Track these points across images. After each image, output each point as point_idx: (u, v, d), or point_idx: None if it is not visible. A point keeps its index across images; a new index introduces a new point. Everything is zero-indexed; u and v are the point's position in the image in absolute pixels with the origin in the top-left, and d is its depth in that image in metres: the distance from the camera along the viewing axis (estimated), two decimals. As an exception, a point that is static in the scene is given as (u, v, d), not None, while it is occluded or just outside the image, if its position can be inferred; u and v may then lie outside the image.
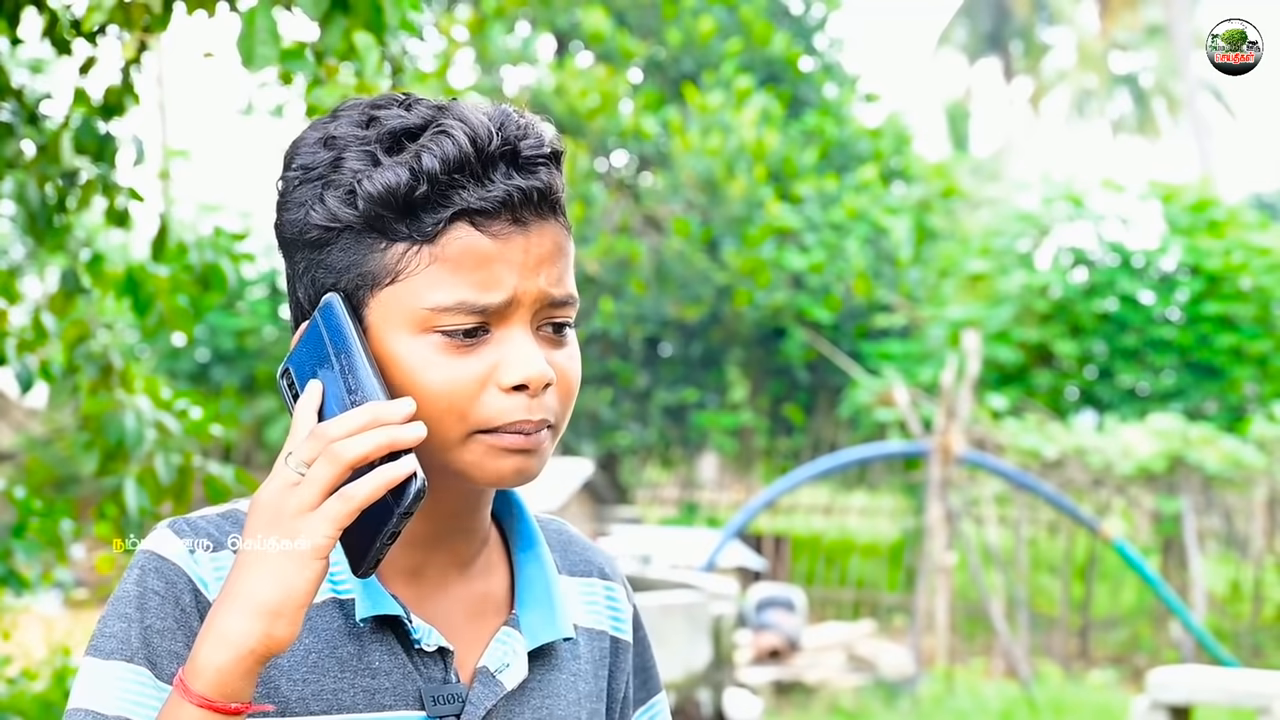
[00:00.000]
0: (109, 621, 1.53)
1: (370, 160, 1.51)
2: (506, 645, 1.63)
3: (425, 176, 1.49)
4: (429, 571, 1.62)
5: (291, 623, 1.41)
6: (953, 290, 17.63)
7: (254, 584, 1.41)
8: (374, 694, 1.56)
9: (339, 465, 1.41)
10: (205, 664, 1.41)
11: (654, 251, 18.71)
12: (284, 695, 1.54)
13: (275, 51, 3.12)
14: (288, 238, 1.57)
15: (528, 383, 1.51)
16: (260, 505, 1.44)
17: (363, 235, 1.52)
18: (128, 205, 4.38)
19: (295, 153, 1.57)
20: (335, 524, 1.41)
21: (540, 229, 1.54)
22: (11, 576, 5.12)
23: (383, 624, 1.58)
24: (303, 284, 1.56)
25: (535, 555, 1.69)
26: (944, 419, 12.28)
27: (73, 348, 4.47)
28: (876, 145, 20.18)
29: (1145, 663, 12.68)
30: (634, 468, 21.59)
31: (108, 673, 1.50)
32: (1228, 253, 15.69)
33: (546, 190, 1.54)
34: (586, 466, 15.50)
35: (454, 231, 1.51)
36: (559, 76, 18.34)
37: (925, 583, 12.45)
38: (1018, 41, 42.71)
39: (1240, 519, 13.83)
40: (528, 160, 1.53)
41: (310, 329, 1.53)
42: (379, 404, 1.45)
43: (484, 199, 1.51)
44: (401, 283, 1.51)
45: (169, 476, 4.41)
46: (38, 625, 8.44)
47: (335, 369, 1.50)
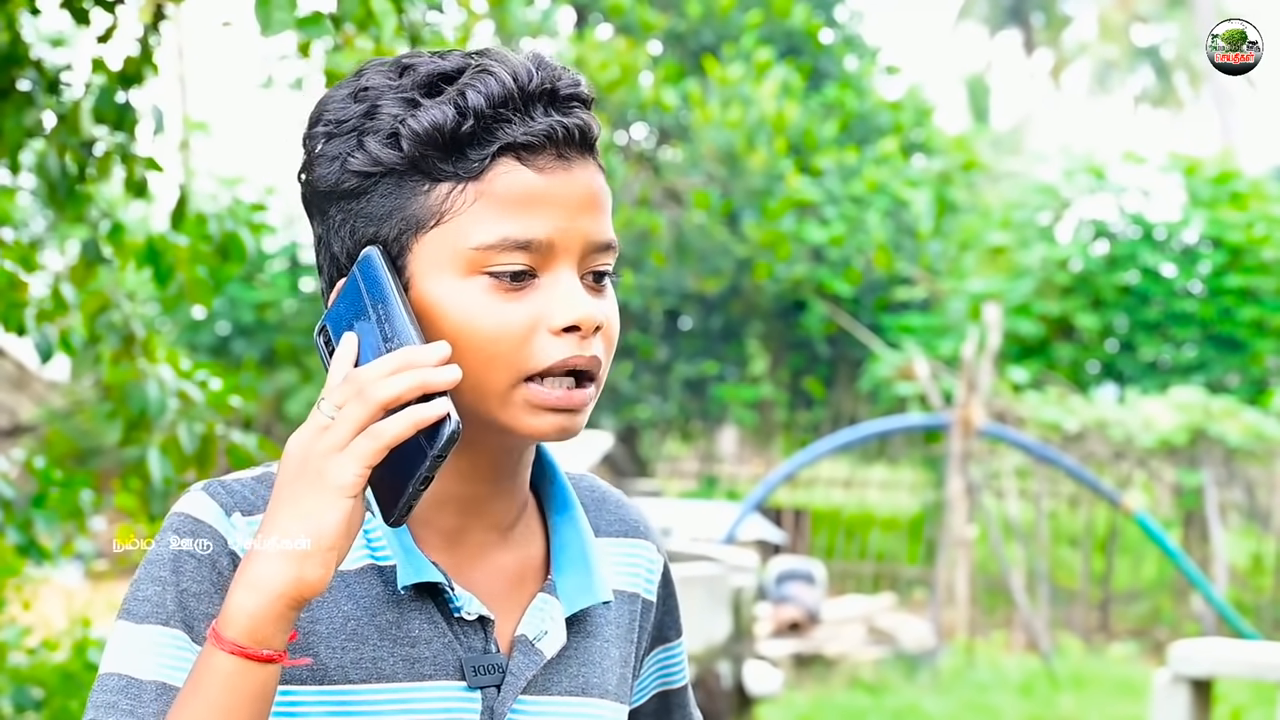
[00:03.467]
0: (142, 585, 1.51)
1: (409, 105, 1.50)
2: (544, 611, 1.60)
3: (471, 112, 1.48)
4: (469, 538, 1.60)
5: (323, 564, 1.39)
6: (973, 263, 17.58)
7: (283, 526, 1.40)
8: (414, 663, 1.54)
9: (370, 405, 1.39)
10: (237, 610, 1.40)
11: (674, 224, 18.68)
12: (323, 663, 1.52)
13: (291, 17, 3.13)
14: (321, 191, 1.54)
15: (580, 323, 1.50)
16: (290, 451, 1.43)
17: (405, 178, 1.50)
18: (146, 176, 4.38)
19: (323, 110, 1.55)
20: (363, 461, 1.39)
21: (583, 167, 1.53)
22: (32, 547, 5.14)
23: (423, 592, 1.56)
24: (339, 238, 1.54)
25: (571, 518, 1.67)
26: (964, 392, 12.25)
27: (94, 318, 4.47)
28: (897, 118, 20.11)
29: (1166, 636, 12.66)
30: (654, 441, 21.59)
31: (143, 636, 1.48)
32: (1250, 225, 15.62)
33: (586, 128, 1.54)
34: (606, 439, 15.51)
35: (500, 166, 1.49)
36: (579, 49, 18.29)
37: (945, 556, 12.43)
38: (1039, 14, 42.52)
39: (1262, 492, 13.79)
40: (565, 99, 1.53)
41: (348, 283, 1.51)
42: (413, 348, 1.43)
43: (529, 133, 1.50)
44: (447, 224, 1.49)
45: (192, 445, 4.41)
46: (58, 596, 8.46)
47: (372, 320, 1.47)
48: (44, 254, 6.80)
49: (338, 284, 1.54)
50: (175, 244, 4.48)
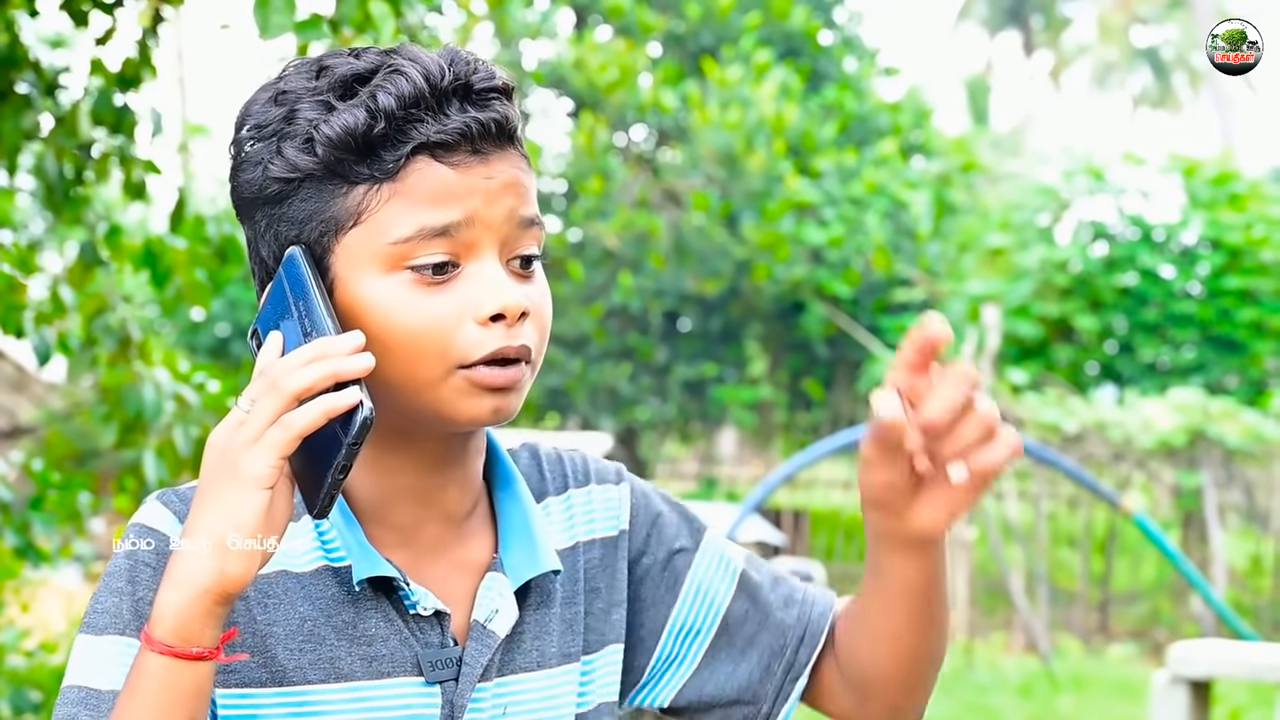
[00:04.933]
0: (101, 597, 1.52)
1: (324, 108, 1.50)
2: (492, 590, 1.61)
3: (382, 114, 1.49)
4: (423, 532, 1.61)
5: (246, 557, 1.39)
6: (972, 265, 17.58)
7: (205, 523, 1.39)
8: (372, 661, 1.55)
9: (283, 397, 1.39)
10: (164, 608, 1.39)
11: (673, 226, 18.68)
12: (281, 664, 1.53)
13: (290, 20, 3.13)
14: (246, 198, 1.55)
15: (504, 311, 1.50)
16: (211, 445, 1.43)
17: (324, 182, 1.50)
18: (145, 178, 4.38)
19: (247, 114, 1.56)
20: (277, 452, 1.38)
21: (502, 158, 1.53)
22: (31, 549, 5.14)
23: (378, 590, 1.56)
24: (265, 242, 1.55)
25: (513, 493, 1.67)
26: (964, 393, 12.23)
27: (91, 320, 4.47)
28: (896, 119, 20.11)
29: (1165, 637, 12.66)
30: (653, 442, 21.59)
31: (102, 648, 1.49)
32: (1249, 226, 15.61)
33: (503, 121, 1.53)
34: (605, 441, 15.49)
35: (414, 165, 1.50)
36: (578, 50, 18.30)
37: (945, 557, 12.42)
38: (1038, 15, 42.55)
39: (1261, 493, 13.79)
40: (480, 93, 1.53)
41: (274, 285, 1.52)
42: (327, 339, 1.43)
43: (443, 131, 1.50)
44: (365, 223, 1.50)
45: (188, 448, 4.41)
46: (57, 598, 8.47)
47: (294, 317, 1.48)
48: (42, 256, 6.80)
49: (268, 286, 1.54)
50: (173, 247, 4.48)
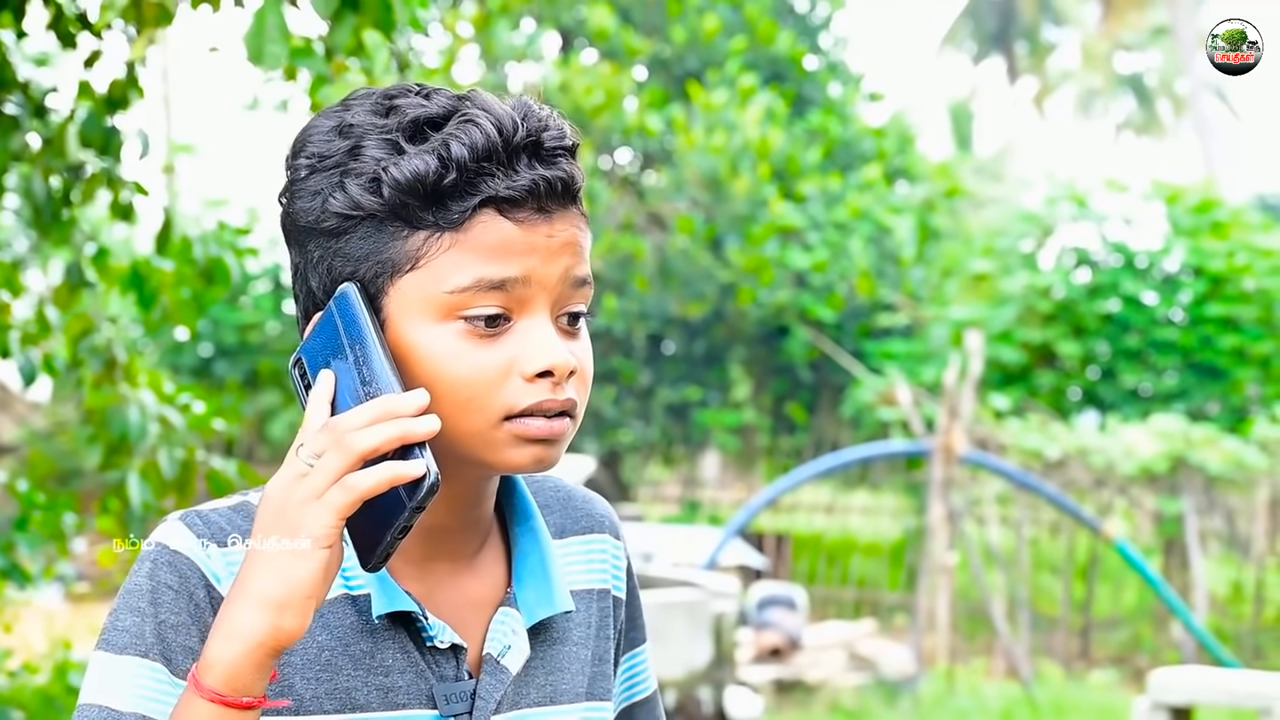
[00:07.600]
0: (121, 615, 1.51)
1: (393, 149, 1.50)
2: (505, 625, 1.61)
3: (454, 164, 1.48)
4: (436, 566, 1.61)
5: (300, 614, 1.39)
6: (956, 290, 17.61)
7: (259, 578, 1.40)
8: (388, 692, 1.55)
9: (349, 457, 1.39)
10: (216, 658, 1.40)
11: (657, 249, 18.69)
12: (298, 693, 1.53)
13: (285, 49, 3.09)
14: (302, 226, 1.54)
15: (552, 369, 1.50)
16: (269, 497, 1.43)
17: (384, 223, 1.50)
18: (132, 199, 4.38)
19: (306, 140, 1.54)
20: (337, 513, 1.39)
21: (564, 217, 1.54)
22: (13, 570, 5.12)
23: (395, 621, 1.56)
24: (316, 273, 1.54)
25: (530, 528, 1.67)
26: (946, 418, 12.27)
27: (76, 341, 4.47)
28: (880, 144, 20.15)
29: (1146, 663, 12.66)
30: (636, 465, 21.56)
31: (122, 668, 1.48)
32: (1231, 254, 15.67)
33: (569, 180, 1.54)
34: (588, 464, 15.49)
35: (480, 218, 1.49)
36: (563, 73, 18.31)
37: (927, 582, 12.44)
38: (1022, 41, 42.67)
39: (1242, 520, 13.82)
40: (550, 151, 1.53)
41: (324, 319, 1.51)
42: (393, 396, 1.43)
43: (511, 188, 1.49)
44: (422, 269, 1.49)
45: (172, 471, 4.41)
46: (39, 619, 8.44)
47: (349, 360, 1.47)
48: (27, 275, 6.79)
49: (314, 317, 1.54)
50: (159, 268, 4.48)
